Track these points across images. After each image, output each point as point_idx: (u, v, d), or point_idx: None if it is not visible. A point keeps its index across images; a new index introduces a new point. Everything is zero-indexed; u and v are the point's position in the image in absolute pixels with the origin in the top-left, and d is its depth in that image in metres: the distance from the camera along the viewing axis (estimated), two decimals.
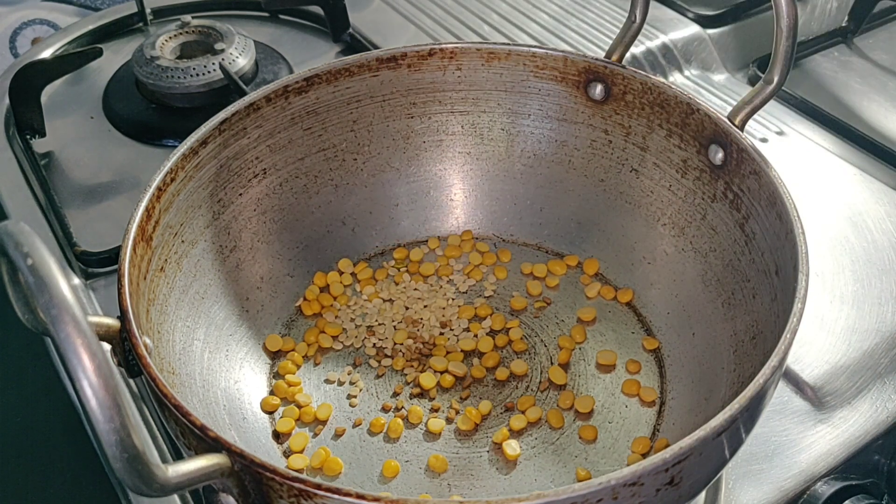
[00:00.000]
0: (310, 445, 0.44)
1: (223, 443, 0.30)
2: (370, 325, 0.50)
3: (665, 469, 0.30)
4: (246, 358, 0.47)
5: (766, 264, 0.42)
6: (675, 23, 0.75)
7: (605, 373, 0.47)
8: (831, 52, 0.76)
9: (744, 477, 0.44)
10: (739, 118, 0.44)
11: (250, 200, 0.49)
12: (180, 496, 0.44)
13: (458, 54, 0.51)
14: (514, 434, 0.44)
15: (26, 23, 0.90)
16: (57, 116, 0.68)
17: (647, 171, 0.50)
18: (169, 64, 0.65)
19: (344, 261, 0.53)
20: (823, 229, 0.57)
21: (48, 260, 0.25)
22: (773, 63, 0.42)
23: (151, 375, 0.33)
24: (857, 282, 0.54)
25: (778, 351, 0.34)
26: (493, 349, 0.48)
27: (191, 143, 0.45)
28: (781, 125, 0.67)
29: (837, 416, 0.47)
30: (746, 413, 0.33)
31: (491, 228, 0.55)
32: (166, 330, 0.41)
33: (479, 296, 0.52)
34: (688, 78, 0.72)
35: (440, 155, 0.54)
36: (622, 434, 0.44)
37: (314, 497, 0.29)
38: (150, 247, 0.41)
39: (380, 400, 0.46)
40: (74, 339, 0.24)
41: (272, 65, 0.71)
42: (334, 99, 0.51)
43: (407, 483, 0.42)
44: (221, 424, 0.42)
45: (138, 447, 0.25)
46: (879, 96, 0.71)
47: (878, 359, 0.49)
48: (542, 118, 0.52)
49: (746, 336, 0.42)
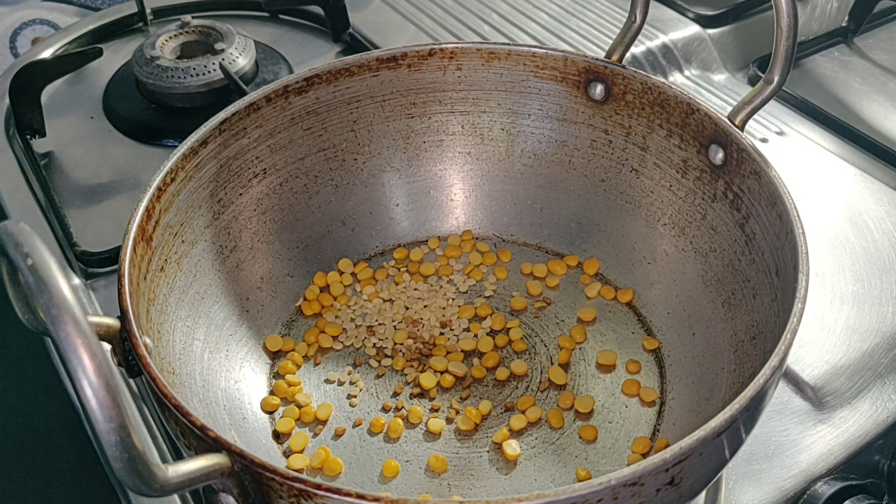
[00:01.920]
0: (310, 445, 0.44)
1: (223, 443, 0.30)
2: (370, 325, 0.50)
3: (665, 469, 0.30)
4: (246, 358, 0.47)
5: (766, 264, 0.42)
6: (675, 23, 0.75)
7: (605, 373, 0.47)
8: (831, 52, 0.76)
9: (744, 477, 0.44)
10: (739, 118, 0.44)
11: (250, 200, 0.49)
12: (180, 496, 0.44)
13: (458, 54, 0.51)
14: (514, 434, 0.44)
15: (26, 23, 0.90)
16: (57, 116, 0.68)
17: (648, 171, 0.50)
18: (169, 64, 0.65)
19: (344, 261, 0.53)
20: (823, 229, 0.57)
21: (48, 260, 0.25)
22: (773, 63, 0.42)
23: (151, 375, 0.33)
24: (857, 282, 0.54)
25: (778, 351, 0.34)
26: (493, 349, 0.48)
27: (191, 143, 0.45)
28: (781, 125, 0.67)
29: (837, 416, 0.47)
30: (746, 413, 0.33)
31: (491, 228, 0.55)
32: (166, 330, 0.41)
33: (479, 296, 0.52)
34: (688, 78, 0.72)
35: (440, 155, 0.54)
36: (622, 434, 0.44)
37: (314, 497, 0.29)
38: (150, 247, 0.41)
39: (380, 400, 0.46)
40: (74, 339, 0.24)
41: (272, 65, 0.71)
42: (334, 99, 0.51)
43: (407, 483, 0.42)
44: (221, 424, 0.42)
45: (138, 447, 0.25)
46: (879, 96, 0.71)
47: (878, 359, 0.49)
48: (543, 118, 0.52)
49: (746, 336, 0.42)
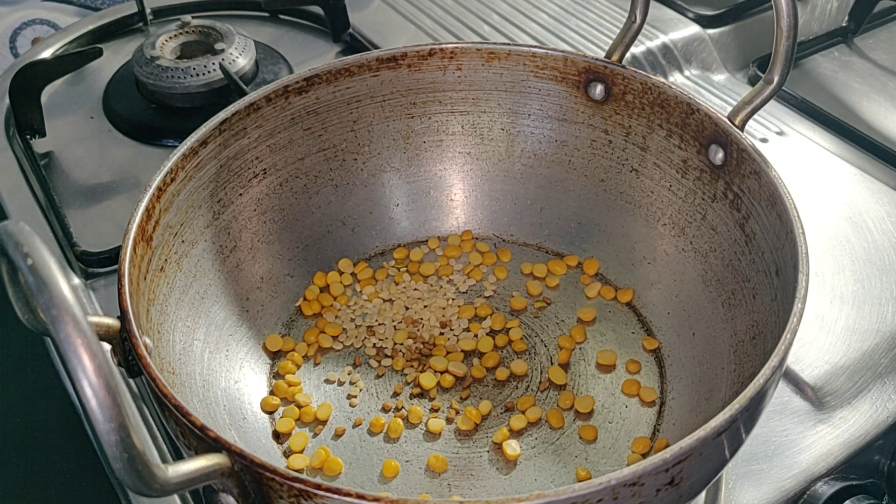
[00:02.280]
0: (310, 445, 0.44)
1: (223, 443, 0.30)
2: (370, 325, 0.50)
3: (665, 469, 0.30)
4: (246, 358, 0.47)
5: (766, 264, 0.42)
6: (675, 23, 0.75)
7: (605, 373, 0.47)
8: (831, 52, 0.76)
9: (744, 477, 0.44)
10: (739, 118, 0.44)
11: (250, 200, 0.49)
12: (180, 496, 0.44)
13: (458, 54, 0.51)
14: (514, 434, 0.44)
15: (26, 23, 0.90)
16: (57, 116, 0.68)
17: (648, 171, 0.50)
18: (169, 64, 0.65)
19: (344, 261, 0.53)
20: (823, 229, 0.57)
21: (48, 260, 0.25)
22: (773, 63, 0.42)
23: (151, 375, 0.33)
24: (857, 282, 0.54)
25: (778, 351, 0.34)
26: (493, 349, 0.48)
27: (191, 143, 0.45)
28: (781, 125, 0.67)
29: (837, 416, 0.47)
30: (746, 413, 0.33)
31: (491, 228, 0.55)
32: (166, 330, 0.41)
33: (479, 296, 0.52)
34: (688, 78, 0.72)
35: (440, 155, 0.54)
36: (622, 434, 0.44)
37: (314, 497, 0.29)
38: (150, 247, 0.41)
39: (380, 400, 0.46)
40: (74, 339, 0.24)
41: (272, 65, 0.71)
42: (334, 99, 0.51)
43: (407, 483, 0.42)
44: (221, 424, 0.42)
45: (138, 447, 0.25)
46: (879, 96, 0.71)
47: (878, 359, 0.49)
48: (543, 118, 0.52)
49: (746, 336, 0.42)
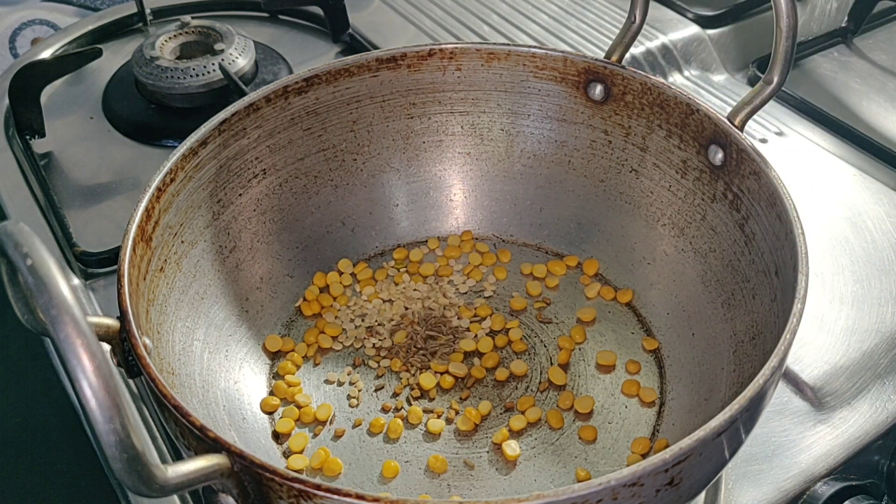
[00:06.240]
0: (309, 446, 0.44)
1: (223, 443, 0.30)
2: (370, 325, 0.50)
3: (665, 469, 0.30)
4: (246, 358, 0.47)
5: (765, 264, 0.42)
6: (674, 23, 0.75)
7: (604, 373, 0.47)
8: (831, 53, 0.76)
9: (744, 477, 0.44)
10: (739, 118, 0.44)
11: (250, 201, 0.49)
12: (180, 496, 0.44)
13: (458, 55, 0.51)
14: (513, 434, 0.44)
15: (26, 23, 0.90)
16: (57, 116, 0.68)
17: (647, 172, 0.50)
18: (169, 64, 0.65)
19: (344, 261, 0.53)
20: (823, 229, 0.57)
21: (48, 260, 0.25)
22: (772, 63, 0.42)
23: (151, 376, 0.33)
24: (857, 282, 0.54)
25: (778, 351, 0.34)
26: (492, 349, 0.48)
27: (191, 144, 0.45)
28: (781, 125, 0.67)
29: (837, 416, 0.47)
30: (746, 413, 0.33)
31: (491, 229, 0.55)
32: (166, 330, 0.41)
33: (478, 296, 0.52)
34: (687, 78, 0.72)
35: (440, 155, 0.54)
36: (622, 434, 0.44)
37: (314, 497, 0.29)
38: (150, 247, 0.41)
39: (379, 400, 0.46)
40: (74, 339, 0.24)
41: (272, 65, 0.71)
42: (334, 99, 0.51)
43: (407, 483, 0.42)
44: (221, 425, 0.42)
45: (138, 447, 0.25)
46: (879, 96, 0.71)
47: (877, 359, 0.49)
48: (542, 118, 0.52)
49: (746, 336, 0.42)
